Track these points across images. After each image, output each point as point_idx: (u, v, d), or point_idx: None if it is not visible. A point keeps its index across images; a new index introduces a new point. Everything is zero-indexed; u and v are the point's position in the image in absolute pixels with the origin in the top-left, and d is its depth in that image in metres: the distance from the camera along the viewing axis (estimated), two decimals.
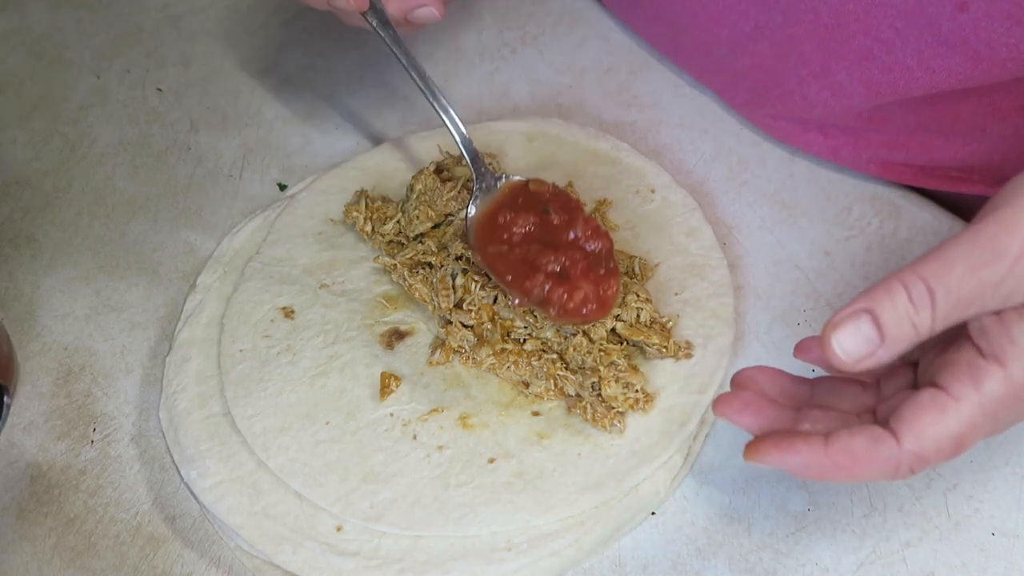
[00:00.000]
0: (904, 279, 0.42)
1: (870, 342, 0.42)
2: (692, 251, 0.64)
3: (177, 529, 0.58)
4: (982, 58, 0.59)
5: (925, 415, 0.43)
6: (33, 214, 0.73)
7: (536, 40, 0.80)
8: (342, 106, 0.77)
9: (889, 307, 0.42)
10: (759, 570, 0.54)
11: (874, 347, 0.42)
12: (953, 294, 0.42)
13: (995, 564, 0.53)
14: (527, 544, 0.54)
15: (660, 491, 0.56)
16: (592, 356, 0.58)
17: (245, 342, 0.62)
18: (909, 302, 0.42)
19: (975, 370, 0.43)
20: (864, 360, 0.43)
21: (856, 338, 0.43)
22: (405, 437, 0.58)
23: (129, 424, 0.62)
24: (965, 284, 0.42)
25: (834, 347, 0.43)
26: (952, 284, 0.42)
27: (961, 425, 0.42)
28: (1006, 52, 0.58)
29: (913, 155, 0.67)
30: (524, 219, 0.60)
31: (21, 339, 0.66)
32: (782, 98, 0.69)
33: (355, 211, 0.66)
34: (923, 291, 0.42)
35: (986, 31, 0.57)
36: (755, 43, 0.67)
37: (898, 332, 0.42)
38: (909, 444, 0.43)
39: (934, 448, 0.43)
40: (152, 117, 0.78)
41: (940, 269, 0.42)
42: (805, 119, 0.69)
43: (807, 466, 0.45)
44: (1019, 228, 0.42)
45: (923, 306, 0.42)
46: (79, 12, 0.85)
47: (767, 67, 0.68)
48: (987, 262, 0.42)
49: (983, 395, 0.42)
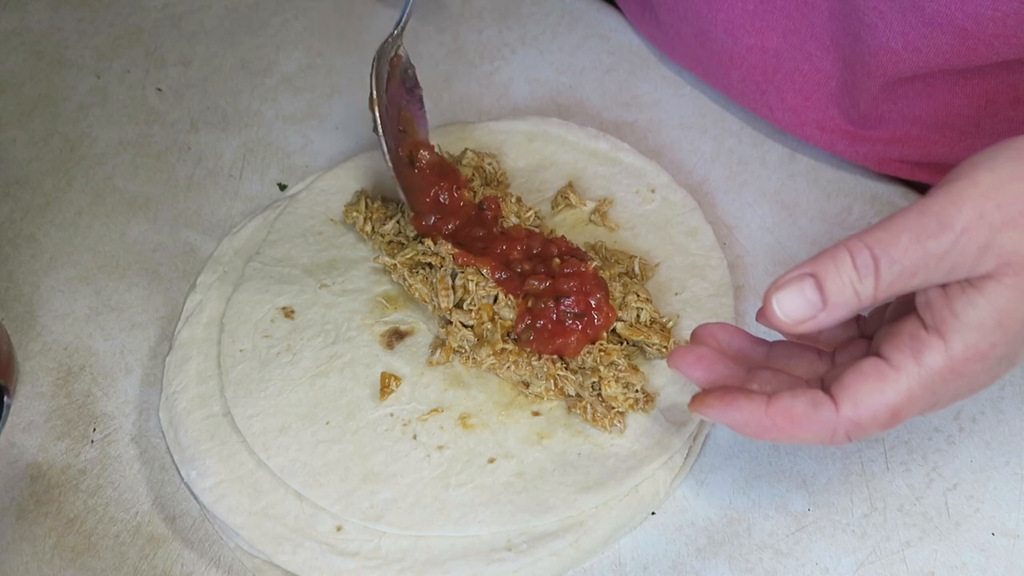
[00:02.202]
0: (850, 246, 0.43)
1: (812, 305, 0.43)
2: (692, 251, 0.64)
3: (177, 529, 0.58)
4: (969, 35, 0.58)
5: (864, 383, 0.43)
6: (33, 214, 0.73)
7: (536, 40, 0.80)
8: (342, 106, 0.77)
9: (833, 272, 0.43)
10: (759, 570, 0.54)
11: (815, 311, 0.43)
12: (897, 263, 0.42)
13: (995, 564, 0.53)
14: (527, 544, 0.54)
15: (660, 491, 0.56)
16: (592, 356, 0.58)
17: (245, 342, 0.62)
18: (853, 268, 0.42)
19: (916, 342, 0.43)
20: (805, 323, 0.43)
21: (798, 300, 0.43)
22: (405, 437, 0.58)
23: (129, 424, 0.62)
24: (910, 254, 0.42)
25: (775, 308, 0.43)
26: (897, 253, 0.42)
27: (899, 395, 0.43)
28: (992, 27, 0.57)
29: (909, 151, 0.67)
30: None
31: (21, 339, 0.66)
32: (780, 82, 0.68)
33: (355, 211, 0.66)
34: (868, 258, 0.42)
35: (971, 6, 0.57)
36: (755, 21, 0.67)
37: (840, 298, 0.43)
38: (846, 411, 0.43)
39: (870, 416, 0.43)
40: (152, 117, 0.78)
41: (886, 238, 0.42)
42: (802, 112, 0.69)
43: (747, 423, 0.45)
44: (966, 201, 0.42)
45: (867, 273, 0.42)
46: (79, 12, 0.85)
47: (769, 48, 0.68)
48: (933, 233, 0.42)
49: (922, 367, 0.43)
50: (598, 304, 0.58)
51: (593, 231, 0.66)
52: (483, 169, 0.68)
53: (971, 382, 0.44)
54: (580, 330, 0.58)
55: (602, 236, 0.66)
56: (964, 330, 0.42)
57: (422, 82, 0.78)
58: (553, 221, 0.67)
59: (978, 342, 0.43)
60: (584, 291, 0.58)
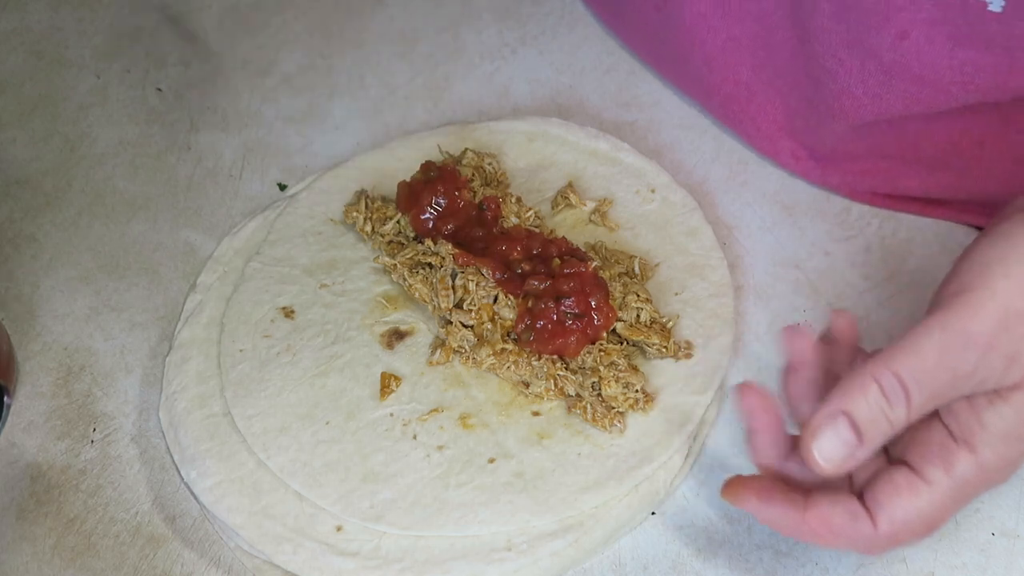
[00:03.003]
0: (877, 375, 0.42)
1: (849, 444, 0.43)
2: (692, 251, 0.64)
3: (177, 529, 0.58)
4: (927, 83, 0.59)
5: (899, 498, 0.43)
6: (33, 214, 0.73)
7: (536, 40, 0.80)
8: (342, 106, 0.77)
9: (864, 406, 0.42)
10: (759, 570, 0.54)
11: (853, 448, 0.43)
12: (927, 386, 0.42)
13: (995, 564, 0.53)
14: (527, 544, 0.54)
15: (660, 491, 0.56)
16: (592, 356, 0.58)
17: (245, 342, 0.62)
18: (883, 398, 0.42)
19: (947, 453, 0.43)
20: (845, 463, 0.43)
21: (835, 442, 0.43)
22: (405, 437, 0.58)
23: (129, 424, 0.62)
24: (938, 376, 0.42)
25: (816, 456, 0.43)
26: (925, 377, 0.42)
27: (933, 508, 0.43)
28: (949, 75, 0.58)
29: (879, 182, 0.67)
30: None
31: (21, 339, 0.66)
32: (754, 112, 0.69)
33: (355, 211, 0.66)
34: (896, 385, 0.42)
35: (928, 55, 0.58)
36: (727, 56, 0.68)
37: (875, 430, 0.42)
38: (884, 527, 0.43)
39: (908, 532, 0.44)
40: (152, 117, 0.78)
41: (912, 361, 0.42)
42: (775, 142, 0.69)
43: (783, 524, 0.45)
44: (989, 314, 0.42)
45: (898, 401, 0.42)
46: (79, 12, 0.85)
47: (741, 81, 0.69)
48: (958, 352, 0.41)
49: (954, 479, 0.43)
50: (598, 304, 0.58)
51: (593, 231, 0.66)
52: (483, 169, 0.68)
53: (997, 481, 0.44)
54: (580, 330, 0.58)
55: (602, 236, 0.66)
56: (993, 441, 0.43)
57: (422, 82, 0.78)
58: (553, 221, 0.67)
59: (1008, 451, 0.43)
60: (584, 291, 0.58)
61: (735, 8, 0.66)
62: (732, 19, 0.67)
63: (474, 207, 0.64)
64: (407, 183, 0.65)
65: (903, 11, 0.57)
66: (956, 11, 0.56)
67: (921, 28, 0.57)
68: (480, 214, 0.64)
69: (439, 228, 0.63)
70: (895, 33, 0.58)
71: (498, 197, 0.65)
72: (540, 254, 0.62)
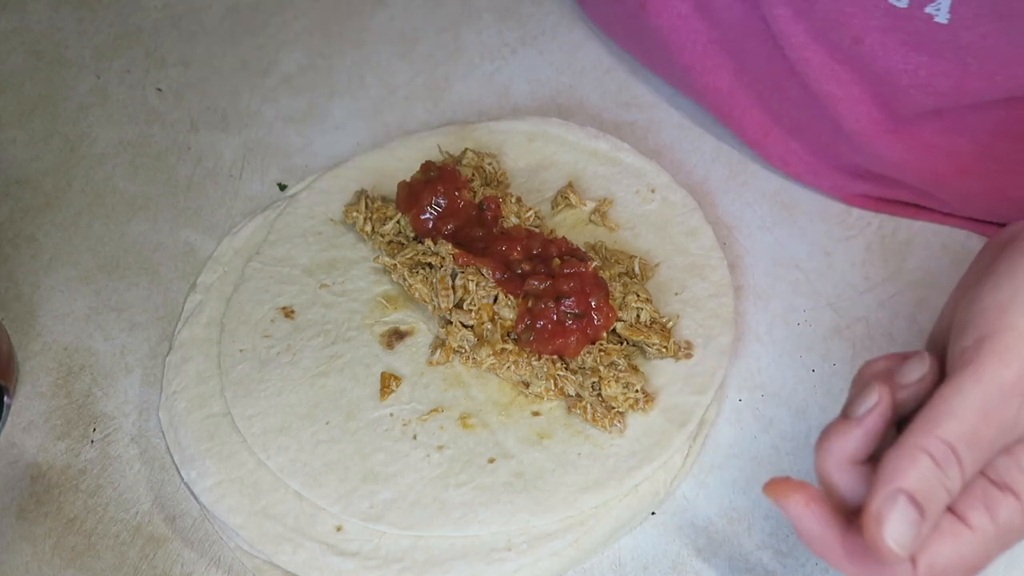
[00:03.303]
0: (924, 445, 0.41)
1: (915, 522, 0.40)
2: (692, 251, 0.64)
3: (177, 529, 0.58)
4: (886, 84, 0.60)
5: (942, 543, 0.41)
6: (33, 214, 0.73)
7: (536, 40, 0.80)
8: (342, 106, 0.77)
9: (919, 479, 0.40)
10: (759, 570, 0.54)
11: (919, 526, 0.40)
12: (975, 446, 0.41)
13: (995, 564, 0.53)
14: (527, 544, 0.54)
15: (660, 491, 0.56)
16: (592, 356, 0.58)
17: (245, 342, 0.62)
18: (936, 467, 0.40)
19: (990, 499, 0.42)
20: (915, 542, 0.41)
21: (904, 526, 0.40)
22: (405, 437, 0.58)
23: (129, 424, 0.62)
24: (985, 433, 0.41)
25: (888, 543, 0.40)
26: (973, 436, 0.40)
27: (976, 555, 0.42)
28: (906, 79, 0.59)
29: (868, 188, 0.67)
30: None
31: (21, 339, 0.66)
32: (739, 116, 0.69)
33: (355, 211, 0.66)
34: (947, 452, 0.40)
35: (883, 60, 0.59)
36: (707, 60, 0.68)
37: (935, 501, 0.41)
38: (923, 571, 0.41)
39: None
40: (152, 117, 0.78)
41: (956, 425, 0.40)
42: (764, 146, 0.69)
43: (819, 542, 0.43)
44: (1017, 357, 0.41)
45: (951, 467, 0.40)
46: (79, 12, 0.85)
47: (722, 88, 0.69)
48: (999, 404, 0.40)
49: (999, 525, 0.41)
50: (598, 304, 0.58)
51: (593, 231, 0.66)
52: (483, 169, 0.68)
53: None
54: (580, 330, 0.58)
55: (602, 236, 0.66)
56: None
57: (422, 82, 0.78)
58: (553, 221, 0.67)
59: None
60: (584, 291, 0.58)
61: (713, 12, 0.67)
62: (711, 23, 0.67)
63: (474, 207, 0.64)
64: (407, 183, 0.65)
65: (855, 17, 0.58)
66: (905, 20, 0.56)
67: (874, 35, 0.58)
68: (480, 214, 0.64)
69: (439, 228, 0.63)
70: (850, 37, 0.59)
71: (498, 197, 0.65)
72: (540, 254, 0.62)
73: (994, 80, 0.57)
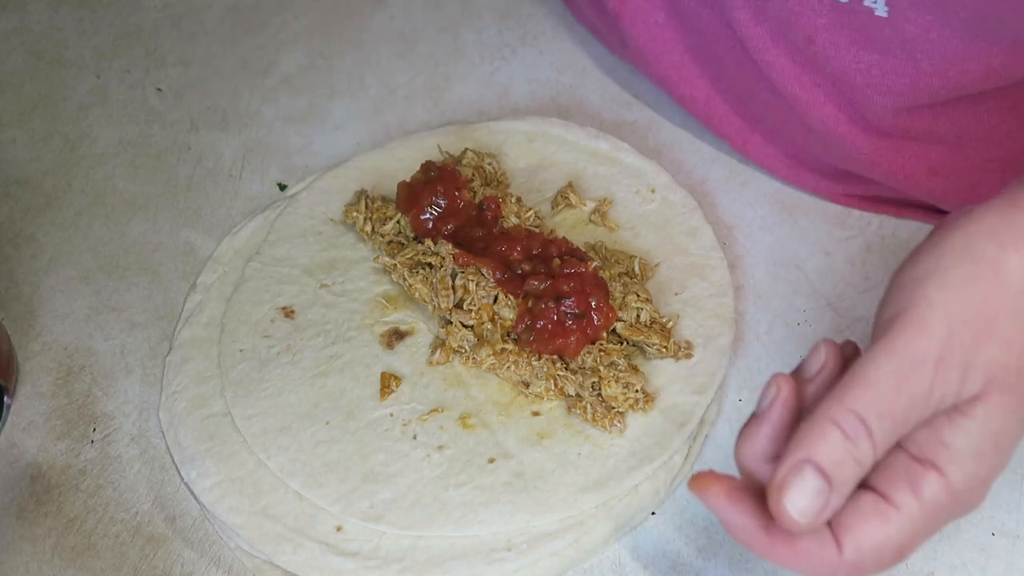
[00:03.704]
0: (833, 416, 0.40)
1: (821, 492, 0.40)
2: (692, 251, 0.64)
3: (177, 529, 0.58)
4: (843, 84, 0.60)
5: (867, 525, 0.41)
6: (33, 214, 0.73)
7: (536, 40, 0.80)
8: (342, 106, 0.77)
9: (827, 450, 0.40)
10: (759, 570, 0.54)
11: (825, 496, 0.40)
12: (887, 418, 0.40)
13: (995, 564, 0.53)
14: (527, 544, 0.54)
15: (660, 491, 0.56)
16: (592, 356, 0.58)
17: (245, 342, 0.62)
18: (846, 438, 0.40)
19: (913, 476, 0.41)
20: (820, 514, 0.40)
21: (806, 494, 0.40)
22: (405, 437, 0.58)
23: (129, 424, 0.62)
24: (897, 404, 0.40)
25: (792, 513, 0.40)
26: (882, 408, 0.40)
27: (902, 535, 0.41)
28: (860, 79, 0.59)
29: (851, 188, 0.67)
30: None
31: (21, 339, 0.66)
32: (720, 120, 0.69)
33: (355, 211, 0.66)
34: (856, 423, 0.40)
35: (836, 60, 0.59)
36: (685, 68, 0.69)
37: (844, 473, 0.40)
38: (849, 554, 0.41)
39: (874, 558, 0.41)
40: (152, 117, 0.78)
41: (867, 395, 0.40)
42: (749, 146, 0.69)
43: (745, 533, 0.42)
44: (932, 329, 0.40)
45: (861, 439, 0.40)
46: (79, 12, 0.85)
47: (699, 98, 0.69)
48: (911, 375, 0.40)
49: (924, 503, 0.41)
50: (598, 304, 0.59)
51: (593, 231, 0.66)
52: (483, 169, 0.68)
53: (971, 502, 0.42)
54: (580, 330, 0.58)
55: (602, 236, 0.66)
56: (960, 460, 0.40)
57: (422, 82, 0.78)
58: (553, 221, 0.67)
59: (977, 469, 0.41)
60: (584, 291, 0.58)
61: (686, 19, 0.67)
62: (685, 31, 0.68)
63: (474, 207, 0.64)
64: (407, 183, 0.65)
65: (804, 16, 0.58)
66: (849, 15, 0.57)
67: (824, 34, 0.58)
68: (480, 214, 0.64)
69: (439, 228, 0.63)
70: (804, 37, 0.59)
71: (498, 197, 0.65)
72: (540, 254, 0.62)
73: (947, 77, 0.57)
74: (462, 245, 0.62)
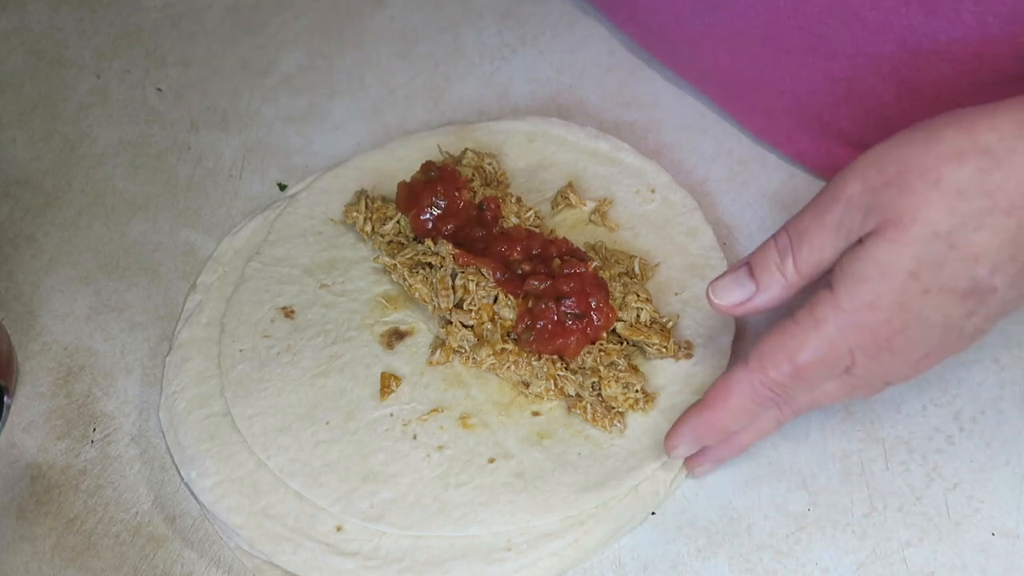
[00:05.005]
0: (775, 234, 0.50)
1: (745, 287, 0.50)
2: (692, 251, 0.64)
3: (177, 529, 0.58)
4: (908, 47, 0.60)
5: (769, 338, 0.49)
6: (33, 214, 0.73)
7: (536, 40, 0.80)
8: (342, 106, 0.77)
9: (761, 258, 0.50)
10: (759, 570, 0.54)
11: (750, 293, 0.50)
12: (806, 239, 0.48)
13: (995, 564, 0.53)
14: (527, 544, 0.54)
15: (660, 491, 0.56)
16: (592, 356, 0.58)
17: (245, 342, 0.62)
18: (776, 251, 0.49)
19: (814, 298, 0.48)
20: (743, 305, 0.50)
21: (732, 284, 0.51)
22: (405, 437, 0.58)
23: (129, 424, 0.62)
24: (813, 228, 0.48)
25: (711, 296, 0.51)
26: (802, 228, 0.48)
27: (795, 344, 0.48)
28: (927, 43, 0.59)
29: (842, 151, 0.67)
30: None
31: (21, 339, 0.66)
32: (745, 93, 0.69)
33: (355, 211, 0.66)
34: (785, 240, 0.49)
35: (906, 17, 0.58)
36: (708, 40, 0.68)
37: (768, 279, 0.49)
38: (753, 364, 0.49)
39: (772, 365, 0.48)
40: (152, 117, 0.78)
41: (796, 220, 0.49)
42: (771, 117, 0.69)
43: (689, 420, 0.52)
44: (855, 172, 0.47)
45: (786, 253, 0.49)
46: (79, 12, 0.85)
47: (723, 64, 0.69)
48: (827, 206, 0.47)
49: (816, 319, 0.47)
50: (598, 305, 0.59)
51: (593, 231, 0.66)
52: (483, 169, 0.68)
53: (873, 335, 0.47)
54: (580, 330, 0.58)
55: (602, 236, 0.66)
56: (848, 281, 0.46)
57: (422, 82, 0.78)
58: (553, 221, 0.67)
59: (862, 292, 0.46)
60: (584, 292, 0.58)
61: (714, 4, 0.67)
62: (716, 11, 0.67)
63: (474, 207, 0.64)
64: (407, 183, 0.65)
65: None
66: None
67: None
68: (480, 214, 0.64)
69: (439, 228, 0.63)
70: None
71: (498, 197, 0.65)
72: (540, 254, 0.62)
73: None
74: (462, 245, 0.62)
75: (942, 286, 0.45)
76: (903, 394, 0.58)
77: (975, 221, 0.44)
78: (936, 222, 0.45)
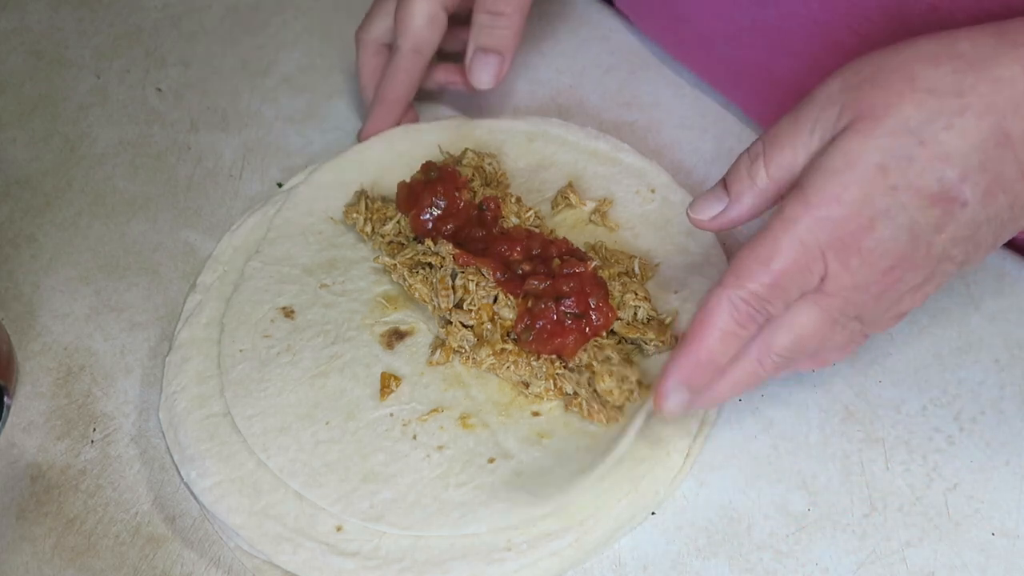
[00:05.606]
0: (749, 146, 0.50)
1: (720, 199, 0.51)
2: (692, 251, 0.64)
3: (177, 529, 0.58)
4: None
5: (741, 252, 0.48)
6: (33, 214, 0.73)
7: (536, 40, 0.80)
8: (342, 106, 0.77)
9: (734, 169, 0.50)
10: (759, 570, 0.54)
11: (723, 204, 0.51)
12: (776, 141, 0.48)
13: (995, 564, 0.53)
14: (527, 544, 0.54)
15: (660, 491, 0.56)
16: (587, 352, 0.58)
17: (245, 342, 0.62)
18: (748, 157, 0.50)
19: (784, 200, 0.48)
20: (718, 218, 0.51)
21: (710, 198, 0.51)
22: (405, 437, 0.58)
23: (129, 424, 0.62)
24: (787, 130, 0.48)
25: (688, 212, 0.52)
26: (776, 132, 0.48)
27: (765, 247, 0.47)
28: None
29: None
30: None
31: (21, 339, 0.66)
32: (776, 94, 0.69)
33: (355, 212, 0.66)
34: (759, 147, 0.49)
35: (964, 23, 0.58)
36: (750, 36, 0.68)
37: (740, 186, 0.50)
38: (728, 278, 0.48)
39: (746, 273, 0.47)
40: (152, 117, 0.78)
41: (771, 127, 0.49)
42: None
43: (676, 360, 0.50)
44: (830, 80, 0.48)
45: (756, 157, 0.49)
46: (79, 12, 0.85)
47: (762, 61, 0.69)
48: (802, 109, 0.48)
49: (785, 219, 0.47)
50: (598, 305, 0.59)
51: (593, 231, 0.66)
52: (483, 169, 0.68)
53: (840, 230, 0.46)
54: (579, 330, 0.58)
55: (602, 236, 0.66)
56: (815, 175, 0.46)
57: None
58: (553, 221, 0.67)
59: (830, 184, 0.46)
60: (584, 292, 0.58)
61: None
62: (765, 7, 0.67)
63: (474, 207, 0.64)
64: (407, 183, 0.65)
65: None
66: None
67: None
68: (480, 214, 0.64)
69: (439, 228, 0.63)
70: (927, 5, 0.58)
71: (498, 197, 0.65)
72: (540, 254, 0.62)
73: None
74: (462, 245, 0.62)
75: (909, 184, 0.45)
76: (903, 394, 0.58)
77: (945, 120, 0.45)
78: (907, 116, 0.45)
